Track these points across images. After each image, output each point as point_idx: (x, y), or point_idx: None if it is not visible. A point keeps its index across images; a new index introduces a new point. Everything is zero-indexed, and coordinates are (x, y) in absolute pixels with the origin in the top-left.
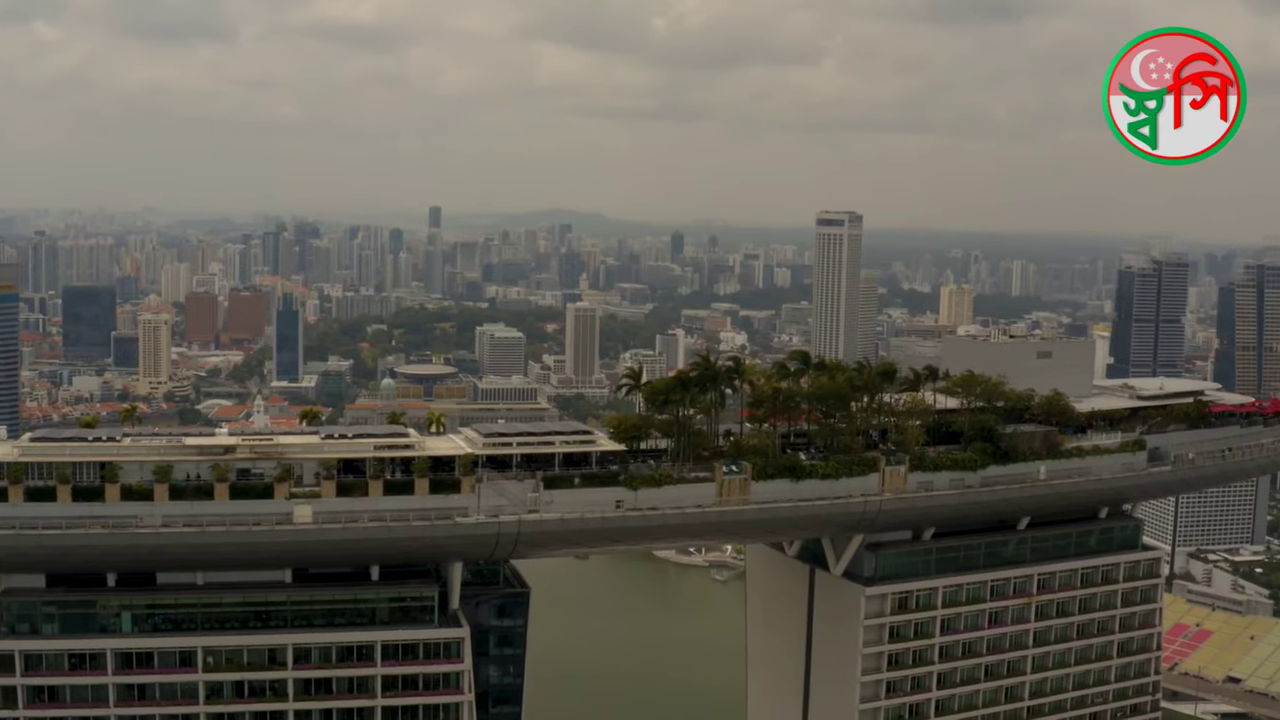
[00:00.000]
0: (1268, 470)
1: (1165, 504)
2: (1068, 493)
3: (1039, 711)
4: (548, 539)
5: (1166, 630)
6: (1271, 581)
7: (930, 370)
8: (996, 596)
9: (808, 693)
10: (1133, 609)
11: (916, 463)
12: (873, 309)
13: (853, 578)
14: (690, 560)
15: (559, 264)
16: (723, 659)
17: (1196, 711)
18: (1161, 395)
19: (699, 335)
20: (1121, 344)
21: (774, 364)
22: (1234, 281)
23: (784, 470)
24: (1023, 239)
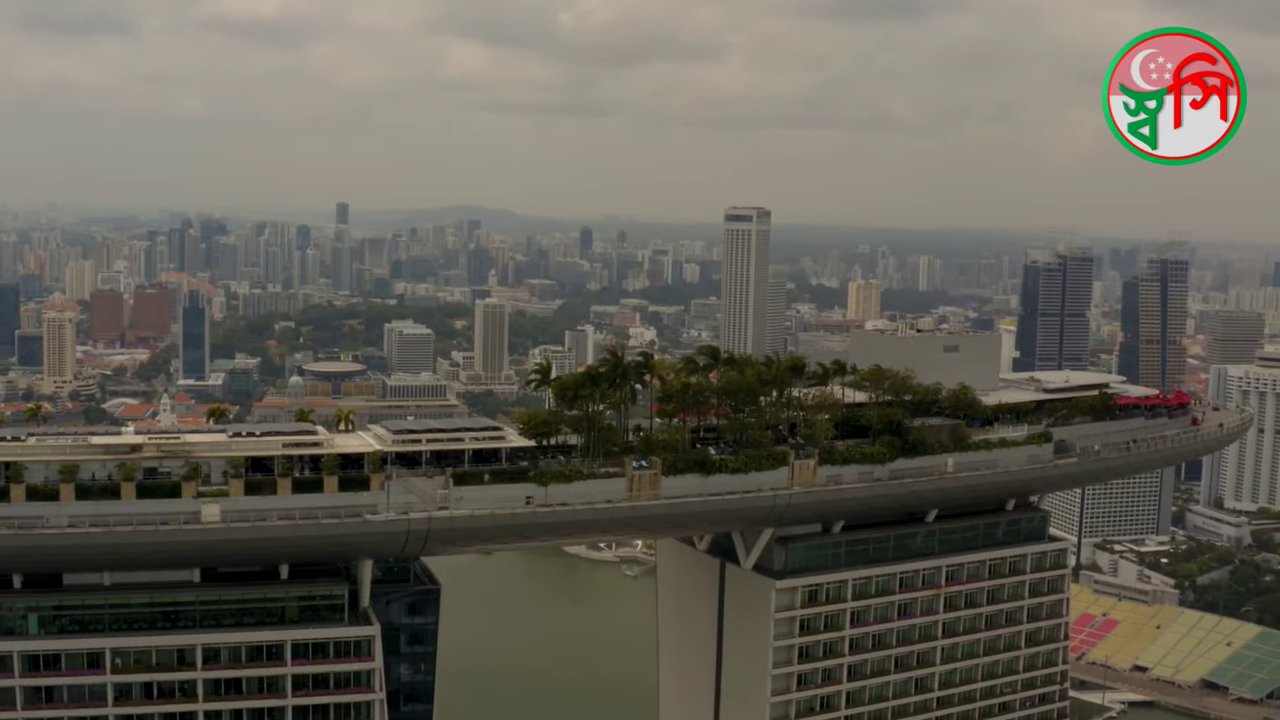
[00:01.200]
0: (1172, 461)
1: (1072, 495)
2: (975, 485)
3: (949, 702)
4: (458, 536)
5: (1074, 620)
6: (1177, 571)
7: (838, 365)
8: (905, 589)
9: (719, 686)
10: (1040, 600)
11: (825, 456)
12: (781, 304)
13: (763, 571)
14: (601, 556)
15: (468, 260)
16: (634, 654)
17: (1104, 700)
18: (1067, 388)
19: (608, 331)
20: (1027, 338)
21: (683, 359)
22: (1138, 276)
23: (694, 465)
24: (930, 234)
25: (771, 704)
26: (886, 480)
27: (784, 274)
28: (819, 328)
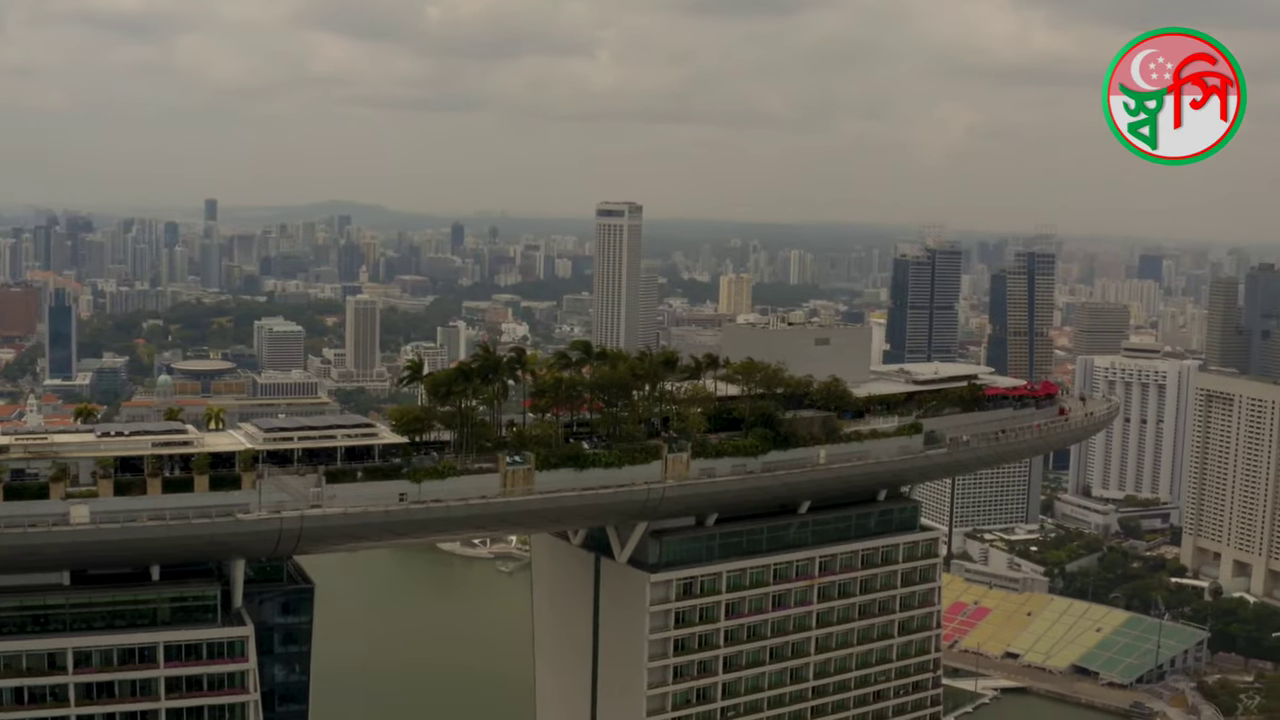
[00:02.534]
0: (1040, 451)
1: (942, 485)
2: (847, 476)
3: (823, 692)
4: (331, 534)
5: (946, 609)
6: (1046, 559)
7: (710, 358)
8: (779, 580)
9: (595, 680)
10: (912, 588)
11: (698, 449)
12: (653, 299)
13: (638, 565)
14: (475, 552)
15: (338, 256)
16: (511, 649)
17: (976, 687)
18: (937, 380)
19: (480, 327)
20: (897, 330)
21: (556, 354)
22: (1005, 269)
23: (567, 460)
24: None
25: (648, 697)
26: (759, 472)
27: (656, 269)
28: (691, 322)
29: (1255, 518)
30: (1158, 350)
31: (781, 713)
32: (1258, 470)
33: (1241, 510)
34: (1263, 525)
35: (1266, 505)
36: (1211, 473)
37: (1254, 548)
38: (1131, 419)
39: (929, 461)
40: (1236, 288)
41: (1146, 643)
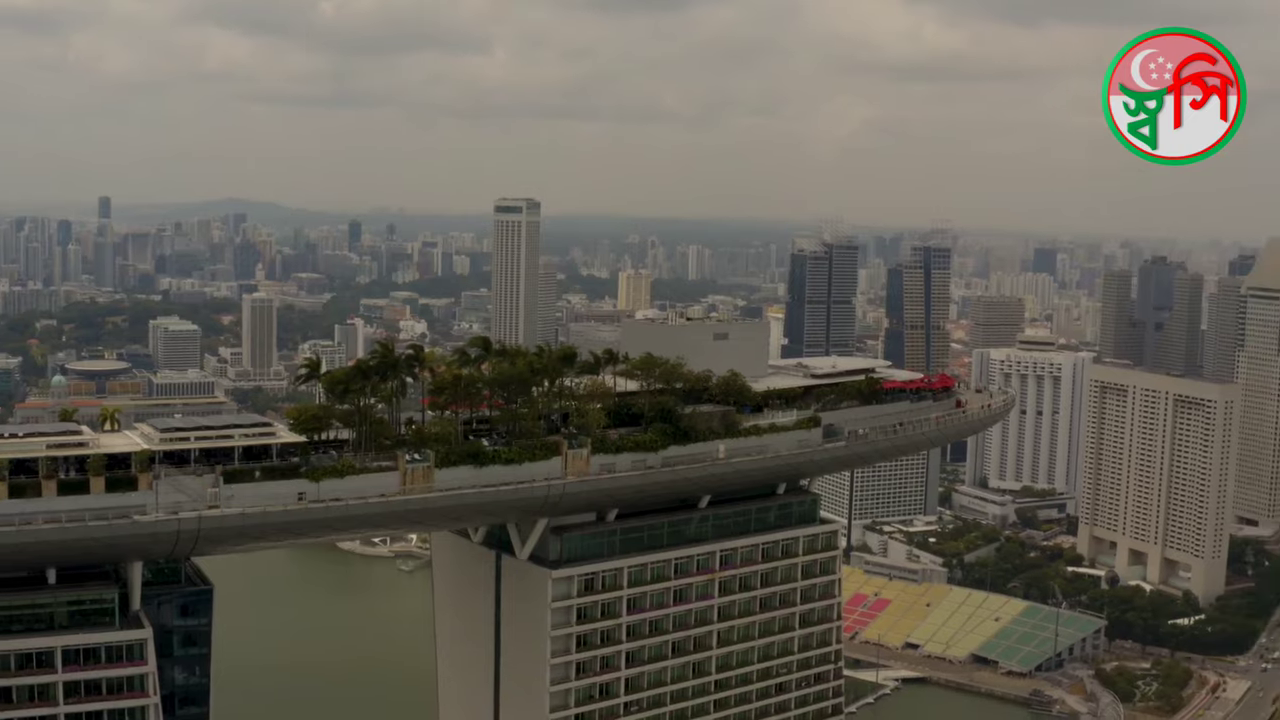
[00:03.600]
0: (938, 443)
1: (841, 478)
2: (747, 470)
3: (726, 685)
4: (230, 535)
5: (846, 601)
6: (945, 550)
7: (610, 354)
8: (681, 574)
9: (498, 677)
10: (813, 581)
11: (598, 445)
12: (552, 295)
13: (539, 561)
14: (375, 551)
15: (234, 254)
16: (413, 648)
17: (878, 678)
18: (835, 373)
19: (378, 325)
20: (795, 325)
21: (455, 351)
22: (902, 263)
23: (467, 457)
24: (698, 224)
25: (551, 693)
26: (659, 468)
27: (554, 265)
28: (590, 318)
29: (1150, 507)
30: (1053, 343)
31: (684, 707)
32: (1151, 460)
33: (1136, 499)
34: (1157, 514)
35: (1161, 494)
36: (1106, 463)
37: (1149, 536)
38: (1027, 411)
39: (828, 455)
40: (1129, 281)
41: (1044, 631)
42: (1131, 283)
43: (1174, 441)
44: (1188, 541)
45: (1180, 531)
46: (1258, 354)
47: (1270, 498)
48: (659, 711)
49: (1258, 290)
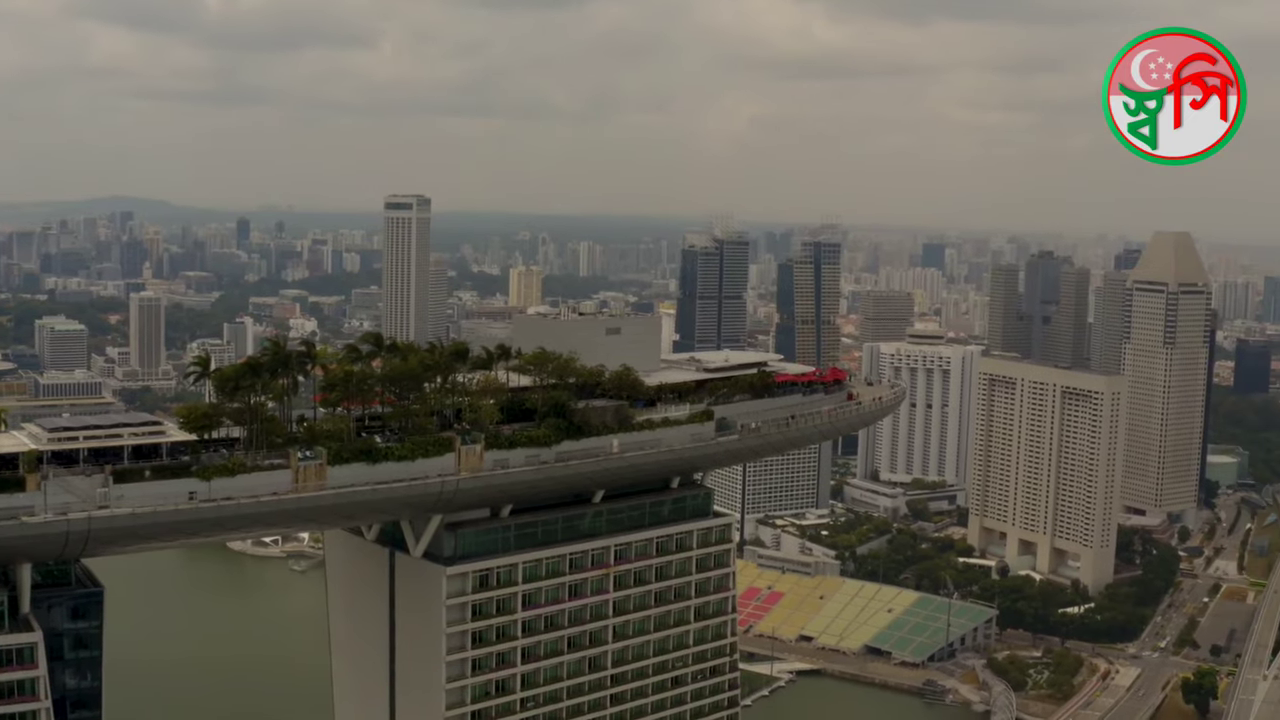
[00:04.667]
0: (829, 436)
1: (734, 472)
2: (640, 464)
3: (622, 679)
4: (120, 535)
5: (740, 594)
6: (837, 543)
7: (502, 349)
8: (575, 569)
9: (394, 675)
10: (707, 574)
11: (492, 441)
12: (443, 292)
13: (433, 558)
14: (267, 552)
15: (121, 253)
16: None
17: (772, 671)
18: (727, 367)
19: (268, 323)
20: (687, 320)
21: (346, 347)
22: (792, 258)
23: (359, 454)
24: (589, 220)
25: (447, 690)
26: (553, 463)
27: (445, 262)
28: (481, 315)
29: (1038, 497)
30: (941, 336)
31: (581, 702)
32: (1040, 451)
33: (1025, 490)
34: (1046, 504)
35: (1049, 485)
36: (996, 455)
37: (1038, 526)
38: (917, 404)
39: (721, 448)
40: (1017, 275)
41: (937, 622)
42: (1019, 277)
43: (1062, 433)
44: (1076, 531)
45: (1069, 521)
46: (1143, 346)
47: (1157, 487)
48: (555, 707)
49: (1143, 284)
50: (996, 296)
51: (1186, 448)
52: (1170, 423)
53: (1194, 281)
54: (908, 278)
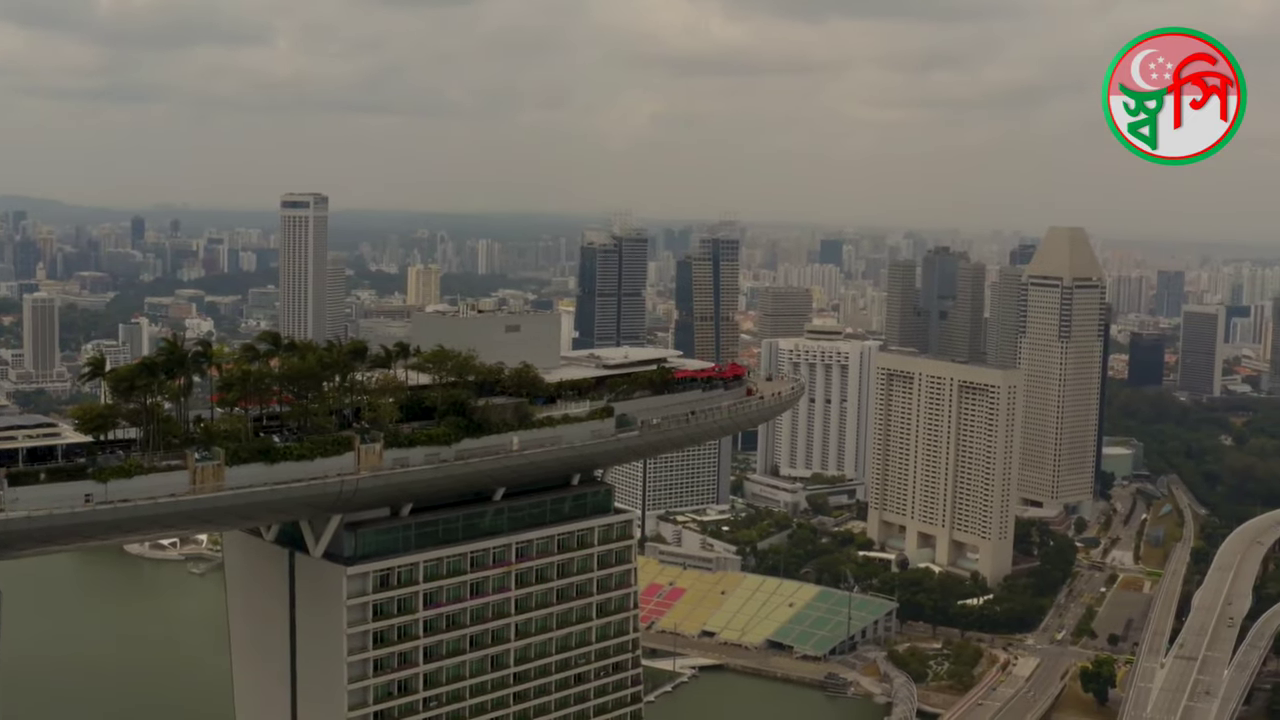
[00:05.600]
0: (730, 431)
1: (635, 469)
2: (541, 461)
3: (525, 677)
4: (15, 539)
5: (642, 591)
6: (738, 538)
7: (401, 347)
8: (477, 567)
9: (295, 677)
10: (609, 571)
11: (391, 439)
12: (341, 291)
13: (333, 558)
14: (164, 555)
15: (13, 253)
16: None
17: (675, 666)
18: (627, 364)
19: (164, 323)
20: (586, 317)
21: (243, 347)
22: (690, 255)
23: (258, 454)
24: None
25: (349, 691)
26: (453, 461)
27: (343, 260)
28: (379, 314)
29: (937, 490)
30: (840, 332)
31: (484, 700)
32: (938, 445)
33: (923, 484)
34: (944, 498)
35: (947, 478)
36: (894, 449)
37: (937, 520)
38: (816, 399)
39: (621, 445)
40: (914, 270)
41: (838, 615)
42: (916, 273)
43: (959, 427)
44: (975, 524)
45: (967, 514)
46: (1039, 340)
47: (1053, 479)
48: (458, 706)
49: (1038, 279)
50: (894, 292)
51: (1082, 440)
52: (1066, 416)
53: (1088, 276)
54: (806, 274)
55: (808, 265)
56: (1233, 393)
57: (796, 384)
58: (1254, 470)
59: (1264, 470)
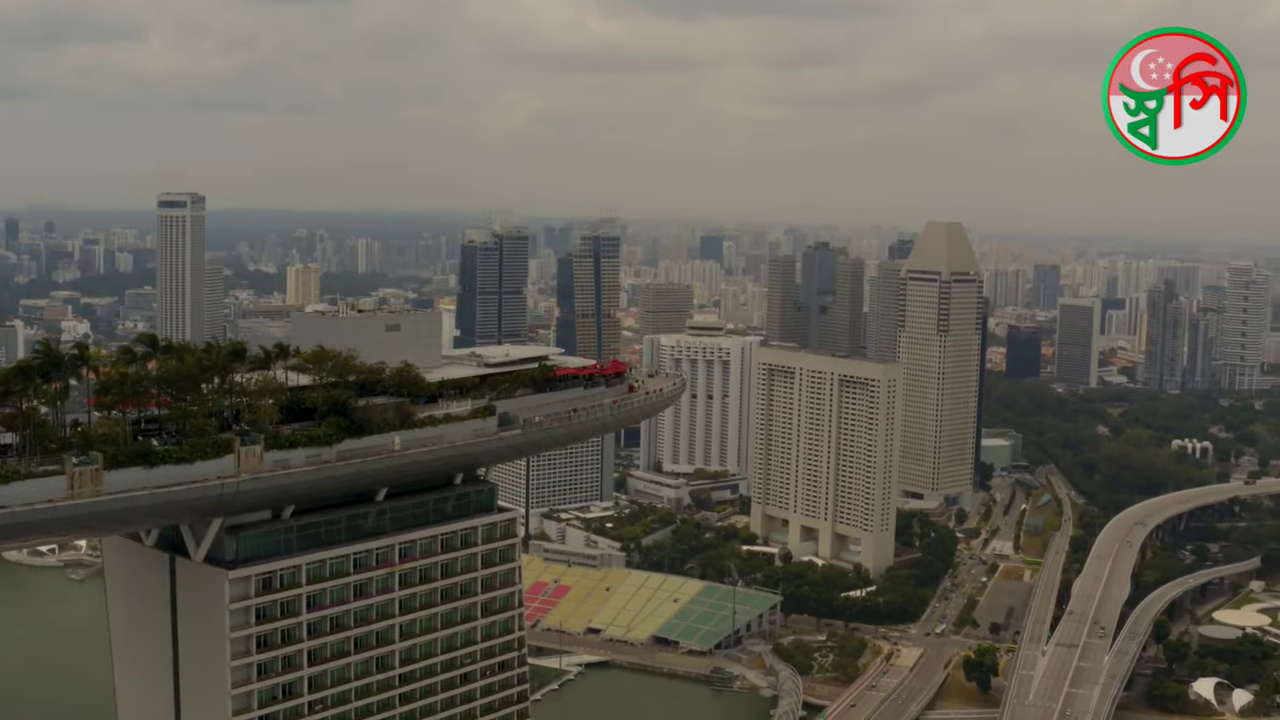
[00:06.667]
0: (612, 428)
1: (518, 467)
2: (423, 461)
3: (410, 678)
4: None
5: (527, 589)
6: (623, 535)
7: (281, 348)
8: (360, 569)
9: (178, 682)
10: (493, 570)
11: (271, 441)
12: (219, 292)
13: (215, 562)
14: (44, 561)
15: None
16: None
17: (561, 664)
18: (508, 362)
19: (39, 325)
20: (467, 315)
21: (120, 349)
22: (571, 253)
23: (136, 457)
24: (367, 216)
25: (233, 696)
26: (334, 462)
27: (221, 261)
28: (258, 314)
29: (819, 484)
30: (721, 328)
31: (370, 702)
32: (819, 439)
33: (806, 478)
34: (826, 491)
35: (829, 472)
36: (776, 443)
37: (819, 513)
38: (698, 395)
39: (504, 443)
40: (794, 266)
41: (722, 610)
42: (796, 268)
43: (840, 421)
44: (856, 516)
45: (849, 507)
46: (917, 334)
47: (934, 471)
48: (344, 709)
49: (916, 273)
50: (774, 287)
51: (961, 432)
52: (945, 408)
53: (966, 270)
54: (687, 270)
55: (688, 262)
56: (1108, 384)
57: (678, 380)
58: (1130, 459)
59: (1140, 459)
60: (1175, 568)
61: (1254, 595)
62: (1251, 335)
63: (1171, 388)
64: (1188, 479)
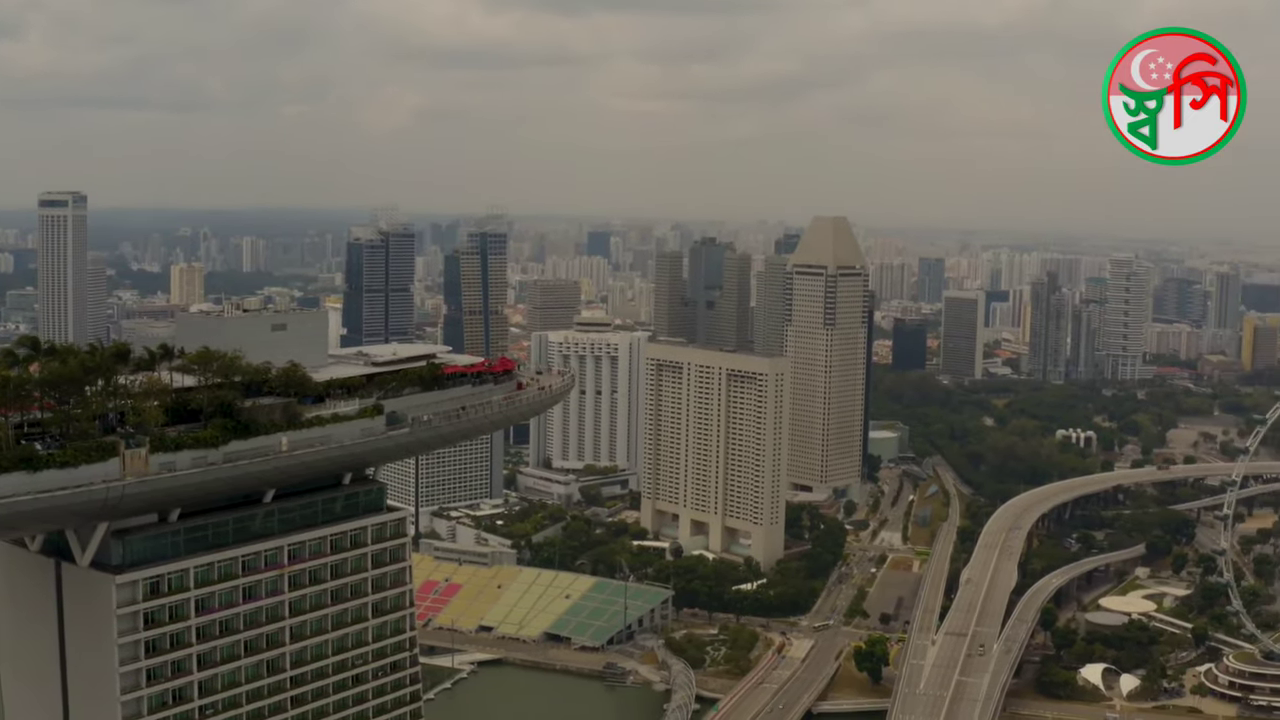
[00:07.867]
0: (501, 425)
1: (406, 466)
2: (311, 461)
3: (301, 680)
4: None
5: (418, 588)
6: (513, 532)
7: (165, 349)
8: (249, 571)
9: (66, 691)
10: (383, 570)
11: (157, 444)
12: (102, 292)
13: (101, 567)
14: None
15: None
16: None
17: (454, 663)
18: (395, 361)
19: None
20: (354, 314)
21: (1, 351)
22: (458, 250)
23: (19, 462)
24: (251, 214)
25: (122, 703)
26: (221, 463)
27: (104, 260)
28: (142, 314)
29: (708, 478)
30: (609, 324)
31: (261, 705)
32: (708, 433)
33: (695, 472)
34: (716, 485)
35: (718, 466)
36: (665, 438)
37: (709, 507)
38: (587, 391)
39: (392, 442)
40: (681, 261)
41: (614, 605)
42: (683, 263)
43: (729, 415)
44: (746, 510)
45: (739, 501)
46: (804, 328)
47: (822, 464)
48: (236, 712)
49: (802, 267)
50: (661, 283)
51: (849, 425)
52: (833, 401)
53: (852, 264)
54: (574, 266)
55: (576, 258)
56: (993, 375)
57: (567, 376)
58: (1015, 450)
59: (1025, 449)
60: (1061, 556)
61: (1139, 582)
62: (1133, 326)
63: (1055, 378)
64: (1072, 468)
